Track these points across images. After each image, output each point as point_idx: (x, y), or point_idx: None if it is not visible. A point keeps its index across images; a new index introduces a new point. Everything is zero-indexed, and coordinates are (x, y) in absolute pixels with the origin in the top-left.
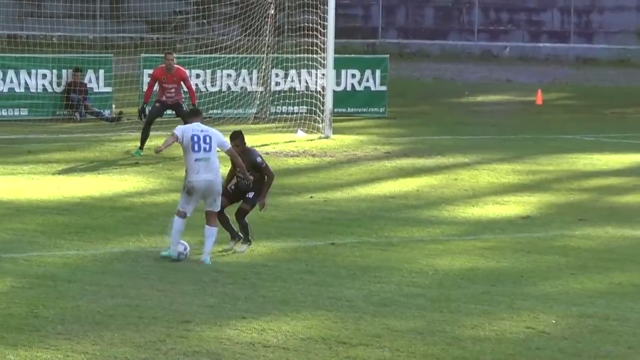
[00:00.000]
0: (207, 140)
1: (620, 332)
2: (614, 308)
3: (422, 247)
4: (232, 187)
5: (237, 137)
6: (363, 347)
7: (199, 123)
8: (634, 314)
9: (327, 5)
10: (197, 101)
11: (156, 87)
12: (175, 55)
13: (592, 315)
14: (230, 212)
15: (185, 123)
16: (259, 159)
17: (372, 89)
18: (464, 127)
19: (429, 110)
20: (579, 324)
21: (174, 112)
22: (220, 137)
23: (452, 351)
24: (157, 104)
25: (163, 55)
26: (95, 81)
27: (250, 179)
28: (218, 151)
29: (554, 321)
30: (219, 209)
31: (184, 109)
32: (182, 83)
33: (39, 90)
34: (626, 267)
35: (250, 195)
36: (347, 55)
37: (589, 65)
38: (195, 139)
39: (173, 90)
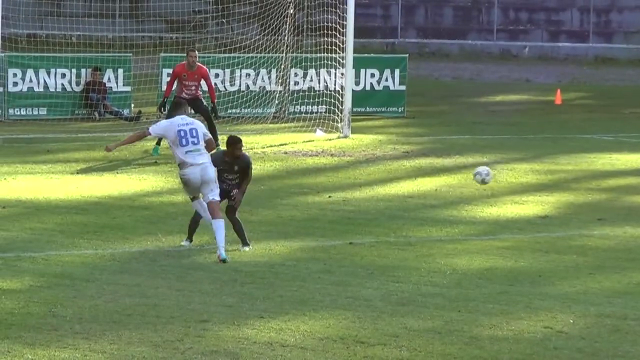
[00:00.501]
0: (194, 134)
1: (639, 332)
2: (632, 308)
3: (440, 246)
4: None
5: (239, 142)
6: (381, 346)
7: (183, 116)
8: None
9: (346, 5)
10: (216, 100)
11: (175, 84)
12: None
13: (610, 315)
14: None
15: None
16: (251, 164)
17: (391, 88)
18: (482, 127)
19: (448, 110)
20: (597, 324)
21: (192, 110)
22: (203, 128)
23: (470, 351)
24: (176, 101)
25: (184, 54)
26: (115, 80)
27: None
28: None
29: (571, 321)
30: (218, 198)
31: (204, 104)
32: (202, 81)
33: (58, 90)
34: (633, 267)
35: (235, 192)
36: (366, 55)
37: (608, 64)
38: (182, 133)
39: (193, 88)
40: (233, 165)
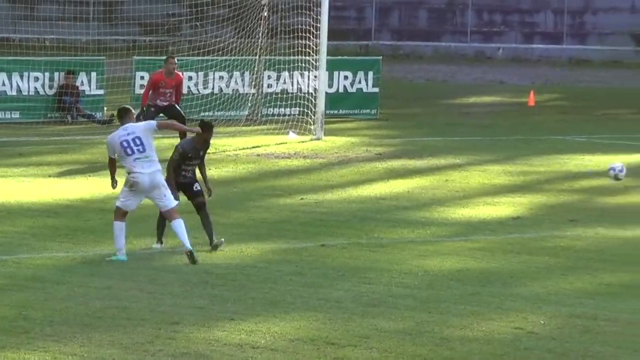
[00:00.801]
0: (138, 142)
1: (609, 333)
2: (604, 308)
3: (412, 248)
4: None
5: (213, 127)
6: (351, 347)
7: (129, 124)
8: (623, 315)
9: (320, 7)
10: (188, 103)
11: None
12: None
13: (581, 315)
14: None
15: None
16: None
17: (365, 90)
18: (456, 129)
19: (422, 112)
20: (568, 325)
21: (167, 116)
22: (146, 127)
23: (441, 352)
24: (152, 109)
25: (158, 57)
26: (88, 84)
27: (198, 130)
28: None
29: (542, 322)
30: (174, 203)
31: (177, 108)
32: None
33: (31, 93)
34: (616, 268)
35: (197, 187)
36: (340, 57)
37: (582, 66)
38: (125, 144)
39: (169, 94)
40: (200, 151)
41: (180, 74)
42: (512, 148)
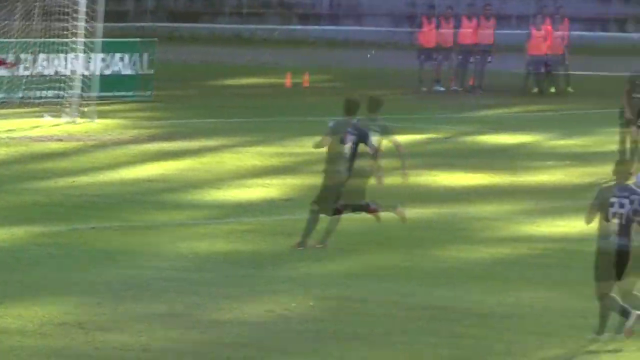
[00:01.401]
0: None
1: (361, 314)
2: (356, 289)
3: (180, 230)
4: None
5: None
6: (101, 332)
7: None
8: (375, 295)
9: None
10: None
11: None
12: None
13: (335, 297)
14: None
15: None
16: None
17: (139, 72)
18: (228, 110)
19: (196, 94)
20: (322, 306)
21: None
22: None
23: (191, 335)
24: None
25: None
26: None
27: None
28: None
29: (294, 304)
30: None
31: None
32: None
33: None
34: (374, 250)
35: None
36: (114, 39)
37: (356, 47)
38: None
39: None
40: None
41: None
42: (284, 129)
